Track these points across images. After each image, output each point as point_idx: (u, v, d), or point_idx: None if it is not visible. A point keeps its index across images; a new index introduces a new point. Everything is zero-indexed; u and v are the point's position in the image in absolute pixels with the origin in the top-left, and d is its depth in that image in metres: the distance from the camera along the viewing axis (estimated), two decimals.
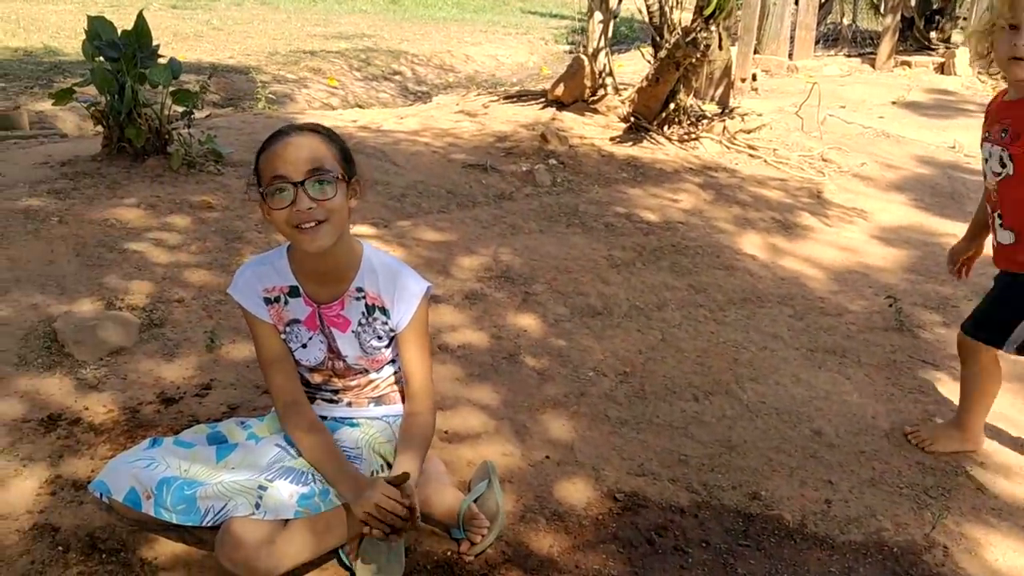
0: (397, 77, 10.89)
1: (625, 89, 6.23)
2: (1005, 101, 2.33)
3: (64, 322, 2.71)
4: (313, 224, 1.76)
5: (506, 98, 6.52)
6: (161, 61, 4.10)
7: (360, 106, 9.20)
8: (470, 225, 4.09)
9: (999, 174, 2.31)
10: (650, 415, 2.67)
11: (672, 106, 5.81)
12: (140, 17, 4.05)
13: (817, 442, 2.60)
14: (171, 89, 4.19)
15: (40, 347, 2.64)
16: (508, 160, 5.09)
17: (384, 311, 1.96)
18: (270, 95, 8.08)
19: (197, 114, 4.41)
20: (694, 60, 5.33)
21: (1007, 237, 2.34)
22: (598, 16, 6.10)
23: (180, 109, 4.29)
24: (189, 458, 1.85)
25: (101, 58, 3.95)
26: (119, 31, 4.04)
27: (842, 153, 6.03)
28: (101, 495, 1.76)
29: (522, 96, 6.52)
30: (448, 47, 12.85)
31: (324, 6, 17.32)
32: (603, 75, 6.13)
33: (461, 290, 3.39)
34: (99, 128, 4.26)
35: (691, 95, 5.91)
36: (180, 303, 3.04)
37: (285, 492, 1.77)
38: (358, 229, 3.76)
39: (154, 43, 4.12)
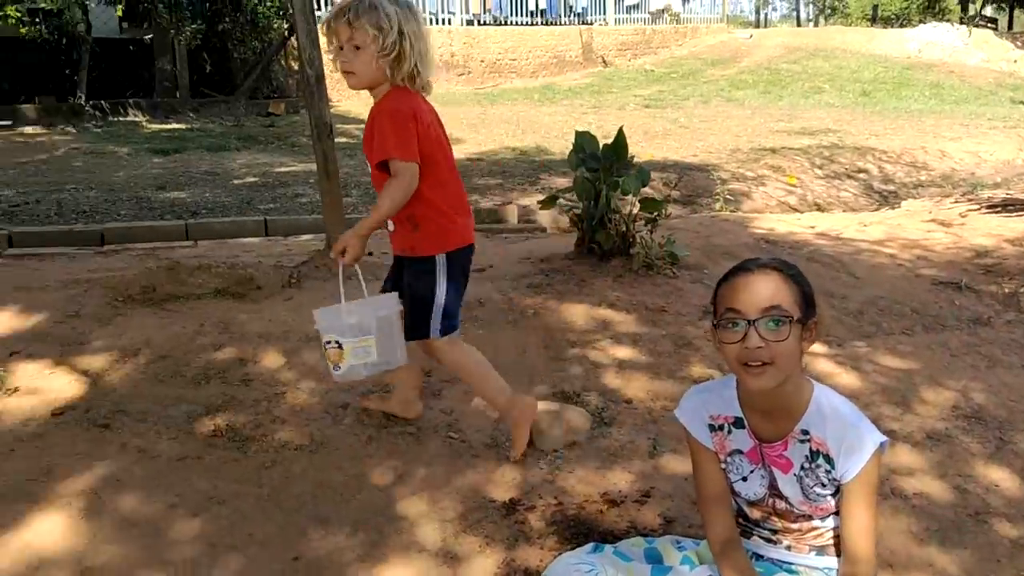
0: (862, 175, 10.43)
1: None
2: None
3: None
4: (759, 364, 1.75)
5: (989, 207, 5.88)
6: (633, 171, 4.43)
7: (819, 206, 8.99)
8: (937, 352, 3.72)
9: None
10: None
11: None
12: (620, 133, 4.44)
13: None
14: (639, 196, 4.50)
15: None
16: (987, 279, 4.56)
17: (828, 459, 1.86)
18: (727, 194, 8.26)
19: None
20: None
21: (391, 225, 2.66)
22: None
23: (646, 214, 4.59)
24: (626, 572, 1.93)
25: (583, 168, 4.40)
26: (600, 144, 4.48)
27: None
28: None
29: (1008, 205, 5.83)
30: (922, 142, 12.01)
31: (789, 101, 17.34)
32: None
33: (921, 427, 3.08)
34: (573, 227, 4.73)
35: None
36: (628, 404, 3.21)
37: None
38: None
39: (629, 155, 4.48)
